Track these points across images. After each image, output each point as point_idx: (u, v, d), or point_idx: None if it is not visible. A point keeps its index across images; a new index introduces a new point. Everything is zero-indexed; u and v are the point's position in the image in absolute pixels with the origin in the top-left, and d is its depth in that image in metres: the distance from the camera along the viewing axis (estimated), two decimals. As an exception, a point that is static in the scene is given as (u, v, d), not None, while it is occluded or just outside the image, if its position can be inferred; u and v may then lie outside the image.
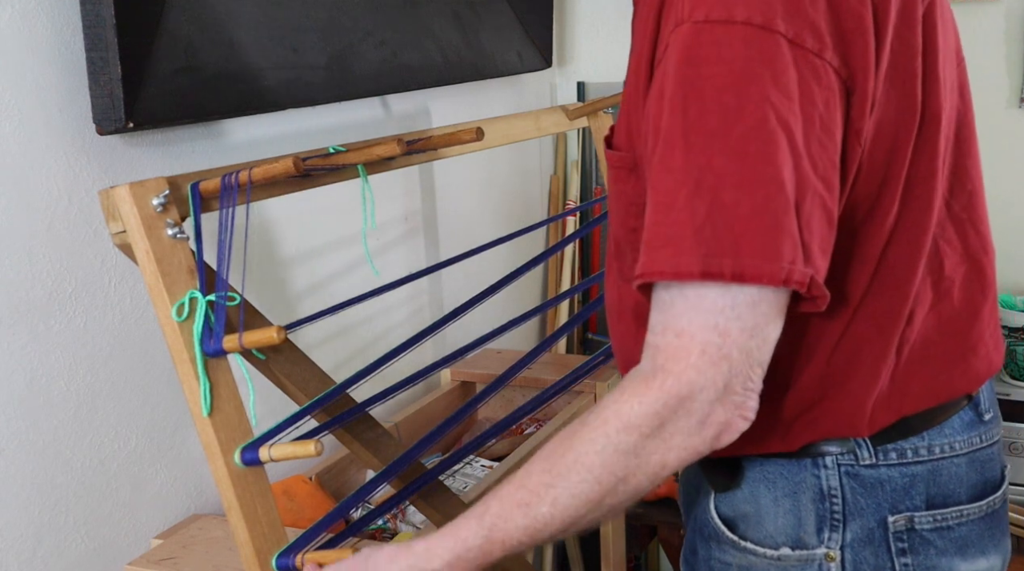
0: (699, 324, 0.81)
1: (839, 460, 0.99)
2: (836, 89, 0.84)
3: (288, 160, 1.12)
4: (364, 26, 1.80)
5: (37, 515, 1.38)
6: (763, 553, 1.01)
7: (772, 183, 0.80)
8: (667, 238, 0.82)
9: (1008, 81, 2.37)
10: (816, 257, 0.83)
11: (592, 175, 2.72)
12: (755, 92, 0.81)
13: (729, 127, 0.81)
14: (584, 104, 1.96)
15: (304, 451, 1.06)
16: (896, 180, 0.92)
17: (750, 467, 1.02)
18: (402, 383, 1.34)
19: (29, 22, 1.32)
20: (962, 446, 1.01)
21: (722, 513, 1.04)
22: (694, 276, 0.80)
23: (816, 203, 0.83)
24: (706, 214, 0.80)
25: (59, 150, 1.37)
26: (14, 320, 1.33)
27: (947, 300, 1.00)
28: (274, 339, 1.07)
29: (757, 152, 0.80)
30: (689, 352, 0.82)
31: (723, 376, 0.82)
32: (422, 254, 2.18)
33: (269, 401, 1.27)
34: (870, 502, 0.99)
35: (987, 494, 1.02)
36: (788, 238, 0.80)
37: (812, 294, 0.83)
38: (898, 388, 0.98)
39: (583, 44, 2.73)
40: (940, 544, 1.00)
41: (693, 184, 0.81)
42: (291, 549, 1.10)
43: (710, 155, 0.81)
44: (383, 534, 1.65)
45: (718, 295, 0.81)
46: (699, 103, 0.82)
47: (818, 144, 0.83)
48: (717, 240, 0.80)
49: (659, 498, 2.33)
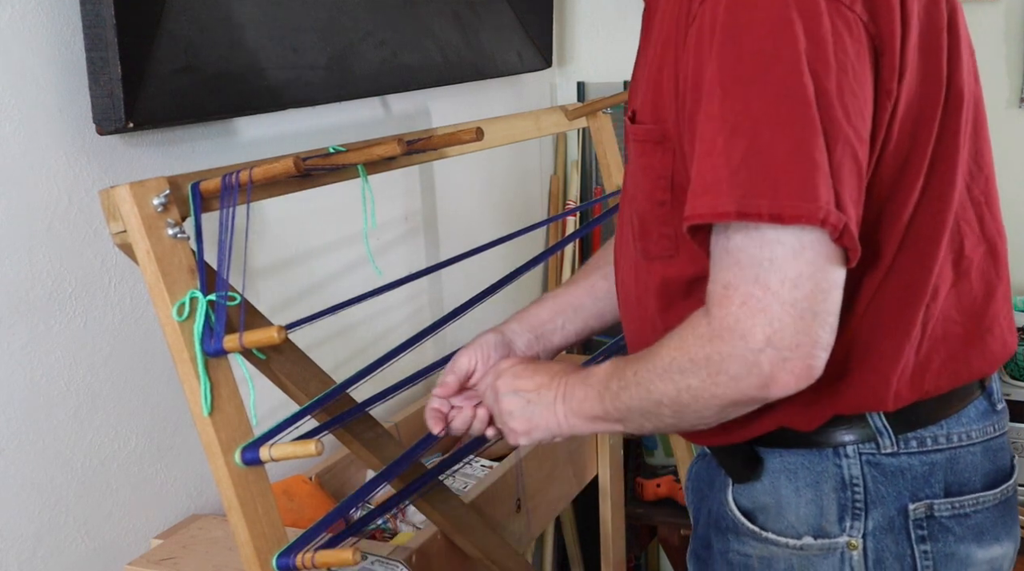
0: (741, 277, 0.84)
1: (860, 449, 1.00)
2: (865, 43, 0.86)
3: (288, 160, 1.12)
4: (364, 26, 1.80)
5: (37, 515, 1.38)
6: (785, 543, 1.02)
7: (807, 126, 0.82)
8: (707, 184, 0.85)
9: (1008, 81, 2.37)
10: (847, 206, 0.84)
11: (592, 175, 2.72)
12: (788, 40, 0.83)
13: (764, 72, 0.83)
14: (584, 104, 1.96)
15: (304, 451, 1.06)
16: (922, 153, 0.94)
17: (770, 459, 1.03)
18: (402, 383, 1.34)
19: (29, 22, 1.32)
20: (978, 435, 1.03)
21: (741, 505, 1.05)
22: (731, 217, 0.83)
23: (847, 152, 0.84)
24: (742, 156, 0.83)
25: (59, 150, 1.36)
26: (14, 320, 1.33)
27: (966, 280, 1.02)
28: (274, 339, 1.07)
29: (791, 96, 0.82)
30: (731, 302, 0.85)
31: (762, 328, 0.84)
32: (422, 254, 2.18)
33: (269, 401, 1.27)
34: (891, 490, 1.00)
35: (1000, 482, 1.05)
36: (823, 179, 0.82)
37: (844, 244, 0.84)
38: (921, 364, 0.99)
39: (583, 44, 2.73)
40: (958, 531, 1.02)
41: (730, 129, 0.84)
42: (291, 549, 1.10)
43: (747, 100, 0.83)
44: (383, 534, 1.65)
45: (757, 248, 0.84)
46: (735, 51, 0.84)
47: (850, 93, 0.85)
48: (753, 182, 0.82)
49: (659, 498, 2.33)
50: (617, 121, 2.59)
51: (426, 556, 1.47)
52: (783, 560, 1.03)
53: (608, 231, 2.59)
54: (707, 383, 0.88)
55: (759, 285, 0.84)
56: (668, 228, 1.00)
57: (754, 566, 1.05)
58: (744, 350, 0.85)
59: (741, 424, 1.00)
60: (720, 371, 0.87)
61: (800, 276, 0.83)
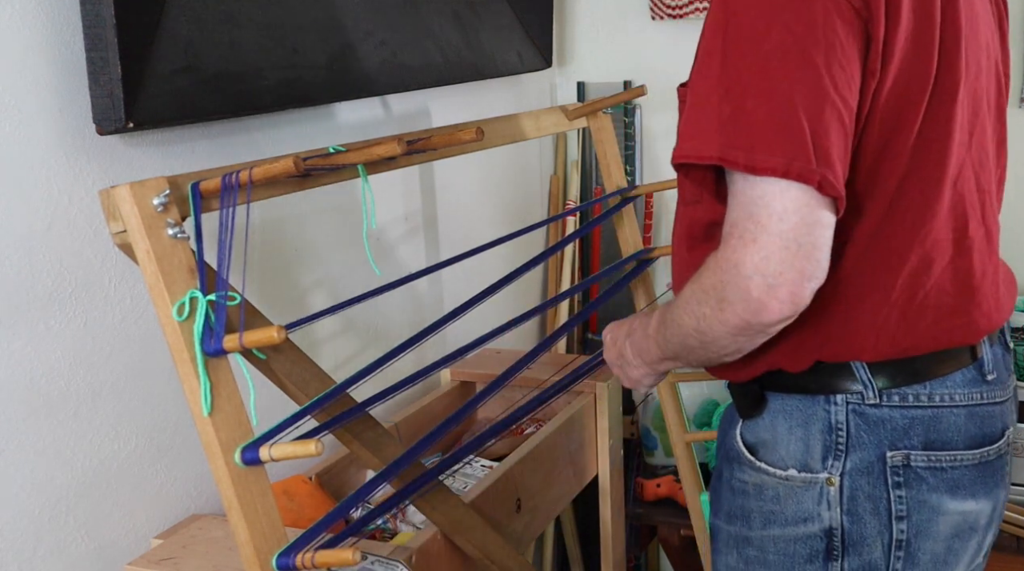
0: (740, 214, 0.99)
1: (848, 399, 1.14)
2: (855, 25, 1.00)
3: (288, 160, 1.12)
4: (364, 26, 1.80)
5: (37, 515, 1.38)
6: (774, 472, 1.18)
7: (783, 96, 0.97)
8: (696, 130, 1.02)
9: (1008, 81, 2.37)
10: (835, 162, 0.98)
11: (592, 175, 2.72)
12: (780, 20, 0.98)
13: (756, 47, 0.99)
14: (584, 104, 1.96)
15: (304, 451, 1.06)
16: (907, 130, 1.07)
17: (772, 400, 1.18)
18: (402, 383, 1.34)
19: (29, 22, 1.32)
20: (962, 399, 1.15)
21: (746, 439, 1.21)
22: (712, 159, 0.99)
23: (834, 115, 0.98)
24: (729, 115, 0.99)
25: (59, 150, 1.36)
26: (14, 320, 1.33)
27: (967, 257, 1.14)
28: (274, 339, 1.07)
29: (775, 70, 0.98)
30: (732, 236, 0.99)
31: (751, 257, 0.98)
32: (422, 254, 2.18)
33: (269, 401, 1.27)
34: (872, 438, 1.13)
35: (983, 445, 1.16)
36: (792, 140, 0.96)
37: (826, 193, 0.97)
38: (907, 324, 1.11)
39: (583, 44, 2.73)
40: (932, 482, 1.14)
41: (723, 91, 1.00)
42: (291, 549, 1.10)
43: (740, 70, 0.99)
44: (383, 534, 1.65)
45: (751, 188, 0.98)
46: (736, 26, 1.00)
47: (838, 66, 0.99)
48: (736, 136, 0.98)
49: (659, 498, 2.33)
50: (617, 121, 2.59)
51: (426, 556, 1.47)
52: (771, 488, 1.18)
53: (608, 231, 2.59)
54: (715, 310, 1.02)
55: (752, 220, 0.98)
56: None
57: (749, 491, 1.20)
58: (737, 277, 0.99)
59: (745, 363, 1.15)
60: (723, 298, 1.01)
61: (785, 210, 0.97)
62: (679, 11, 2.56)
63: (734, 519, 1.23)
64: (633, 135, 2.65)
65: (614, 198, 1.99)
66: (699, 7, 2.53)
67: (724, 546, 1.26)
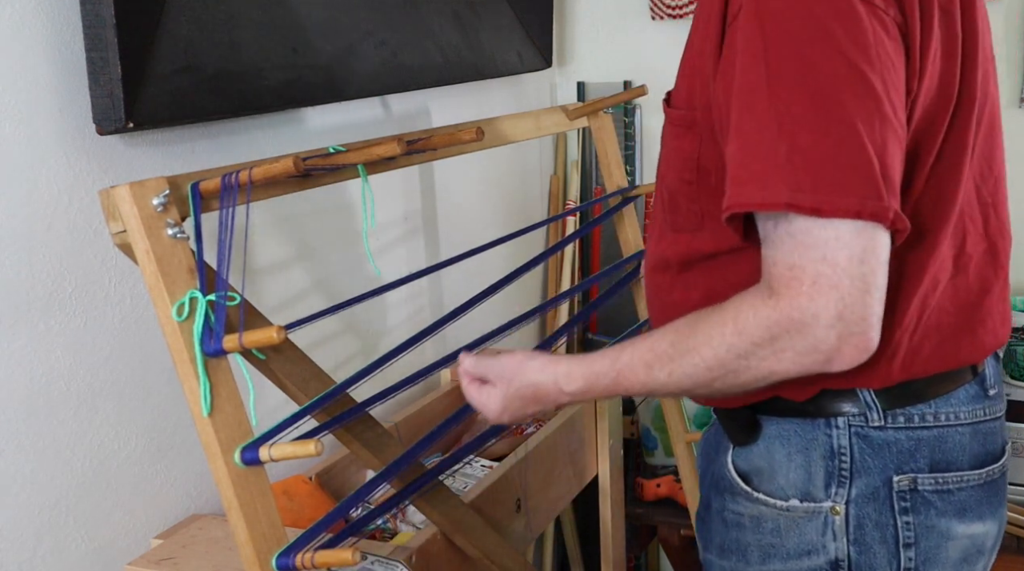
0: (808, 257, 0.89)
1: (850, 421, 1.06)
2: (900, 43, 0.93)
3: (288, 160, 1.12)
4: (364, 26, 1.80)
5: (37, 515, 1.38)
6: (773, 503, 1.09)
7: (843, 127, 0.88)
8: (753, 174, 0.91)
9: (1008, 81, 2.37)
10: (898, 192, 0.91)
11: (592, 175, 2.72)
12: (830, 46, 0.89)
13: (806, 77, 0.90)
14: (584, 104, 1.96)
15: (304, 451, 1.06)
16: (929, 150, 1.00)
17: (767, 425, 1.10)
18: (402, 383, 1.34)
19: (29, 22, 1.32)
20: (967, 416, 1.08)
21: (738, 467, 1.12)
22: (779, 207, 0.89)
23: (897, 143, 0.92)
24: (786, 154, 0.89)
25: (59, 150, 1.36)
26: (14, 320, 1.33)
27: (964, 274, 1.07)
28: (274, 339, 1.07)
29: (830, 100, 0.89)
30: (801, 282, 0.89)
31: (835, 304, 0.89)
32: (422, 254, 2.18)
33: (269, 401, 1.27)
34: (877, 462, 1.06)
35: (988, 463, 1.10)
36: (862, 176, 0.88)
37: (896, 227, 0.90)
38: (913, 349, 1.05)
39: (583, 44, 2.73)
40: (940, 506, 1.07)
41: (776, 127, 0.90)
42: (291, 549, 1.10)
43: (790, 102, 0.90)
44: (383, 534, 1.65)
45: (822, 229, 0.89)
46: (779, 55, 0.91)
47: (894, 88, 0.92)
48: (797, 177, 0.89)
49: (659, 498, 2.33)
50: (617, 121, 2.59)
51: (426, 556, 1.47)
52: (771, 520, 1.10)
53: (608, 231, 2.59)
54: (769, 362, 0.93)
55: (827, 263, 0.88)
56: (696, 205, 1.06)
57: (745, 524, 1.12)
58: (815, 327, 0.89)
59: (742, 395, 1.06)
60: (787, 349, 0.92)
61: (864, 251, 0.89)
62: (679, 11, 2.56)
63: (728, 554, 1.14)
64: (633, 135, 2.65)
65: (614, 198, 1.99)
66: (699, 7, 2.53)
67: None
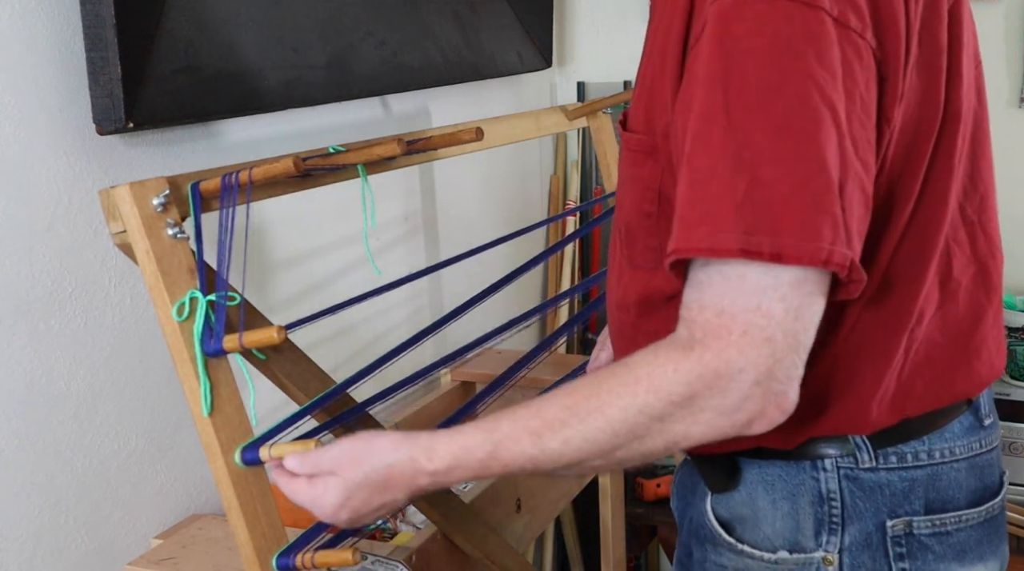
0: (741, 305, 0.79)
1: (839, 463, 0.97)
2: (874, 71, 0.83)
3: (288, 160, 1.12)
4: (364, 26, 1.80)
5: (37, 515, 1.38)
6: (760, 556, 1.00)
7: (813, 161, 0.78)
8: (704, 214, 0.79)
9: (1008, 81, 2.37)
10: (855, 240, 0.80)
11: (592, 175, 2.72)
12: (799, 68, 0.78)
13: (770, 103, 0.78)
14: (584, 104, 1.96)
15: (304, 451, 1.05)
16: (914, 176, 0.91)
17: (748, 469, 1.01)
18: (402, 383, 1.33)
19: (29, 22, 1.32)
20: (962, 451, 1.00)
21: (719, 515, 1.03)
22: (732, 253, 0.78)
23: (856, 185, 0.80)
24: (745, 191, 0.78)
25: (59, 150, 1.36)
26: (14, 320, 1.33)
27: (952, 302, 0.98)
28: (274, 339, 1.07)
29: (799, 129, 0.78)
30: (730, 331, 0.79)
31: (765, 359, 0.79)
32: (422, 254, 2.18)
33: (269, 401, 1.27)
34: (869, 506, 0.97)
35: (986, 500, 1.02)
36: (829, 218, 0.78)
37: (851, 277, 0.80)
38: (903, 388, 0.96)
39: (583, 44, 2.73)
40: (938, 550, 0.99)
41: (732, 160, 0.78)
42: (291, 549, 1.10)
43: (750, 131, 0.78)
44: (383, 534, 1.65)
45: (760, 274, 0.78)
46: (741, 78, 0.79)
47: (859, 124, 0.81)
48: (756, 218, 0.77)
49: (659, 498, 2.33)
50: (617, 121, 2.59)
51: (426, 556, 1.47)
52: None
53: (608, 231, 2.59)
54: (684, 425, 0.82)
55: (761, 313, 0.78)
56: (653, 239, 0.96)
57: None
58: (741, 383, 0.79)
59: (719, 445, 0.93)
60: (706, 408, 0.81)
61: (802, 307, 0.79)
62: (679, 11, 2.55)
63: None
64: (633, 135, 2.65)
65: (614, 198, 1.99)
66: (699, 7, 2.52)
67: None
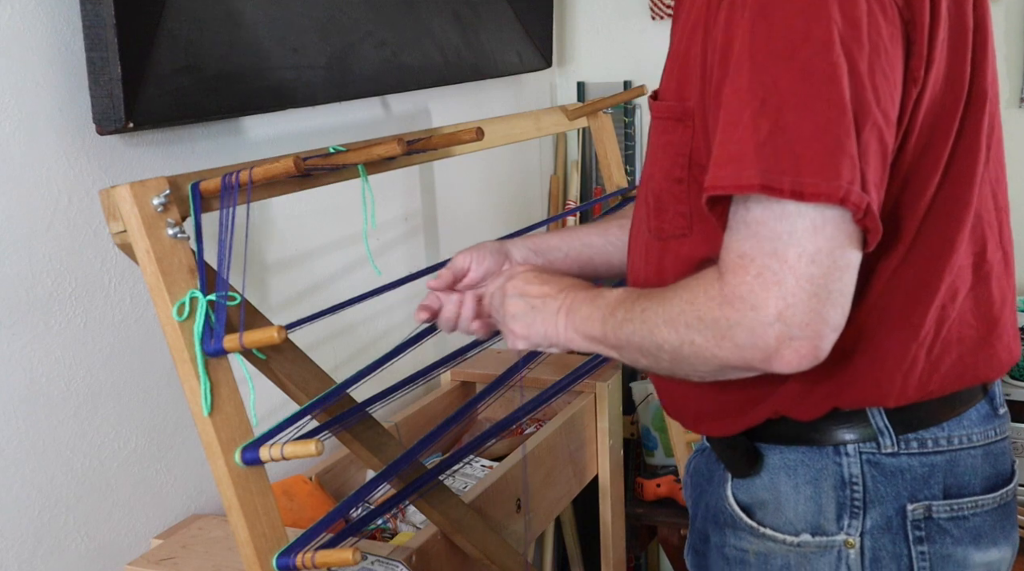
0: (759, 249, 0.84)
1: (861, 449, 1.00)
2: (899, 27, 0.87)
3: (288, 160, 1.12)
4: (364, 26, 1.80)
5: (37, 515, 1.38)
6: (783, 539, 1.03)
7: (835, 105, 0.82)
8: (731, 155, 0.85)
9: (1008, 81, 2.37)
10: (871, 188, 0.84)
11: (592, 175, 2.72)
12: (822, 17, 0.83)
13: (795, 49, 0.83)
14: (584, 104, 1.96)
15: (304, 451, 1.06)
16: (941, 147, 0.94)
17: (770, 455, 1.04)
18: (402, 383, 1.34)
19: (29, 22, 1.32)
20: (979, 438, 1.03)
21: (739, 500, 1.06)
22: (754, 189, 0.83)
23: (874, 134, 0.84)
24: (768, 132, 0.83)
25: (59, 150, 1.36)
26: (14, 320, 1.33)
27: (985, 285, 1.02)
28: (274, 339, 1.07)
29: (821, 74, 0.82)
30: (747, 272, 0.84)
31: (775, 301, 0.83)
32: (422, 254, 2.18)
33: (269, 401, 1.27)
34: (890, 490, 1.00)
35: (1000, 486, 1.05)
36: (848, 159, 0.82)
37: (866, 225, 0.84)
38: (932, 364, 0.99)
39: (583, 44, 2.73)
40: (956, 533, 1.02)
41: (758, 103, 0.83)
42: (291, 549, 1.10)
43: (776, 76, 0.83)
44: (383, 534, 1.65)
45: (776, 221, 0.83)
46: (767, 26, 0.84)
47: (881, 75, 0.85)
48: (778, 157, 0.82)
49: (659, 498, 2.34)
50: (617, 121, 2.59)
51: (426, 556, 1.47)
52: (780, 557, 1.04)
53: (608, 231, 2.58)
54: (711, 344, 0.88)
55: (776, 258, 0.83)
56: (684, 206, 1.00)
57: (750, 561, 1.06)
58: (754, 321, 0.84)
59: (740, 410, 1.02)
60: (726, 336, 0.87)
61: (819, 251, 0.83)
62: (679, 11, 2.56)
63: None
64: (633, 135, 2.66)
65: (614, 198, 2.00)
66: (699, 7, 2.52)
67: None
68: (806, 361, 0.86)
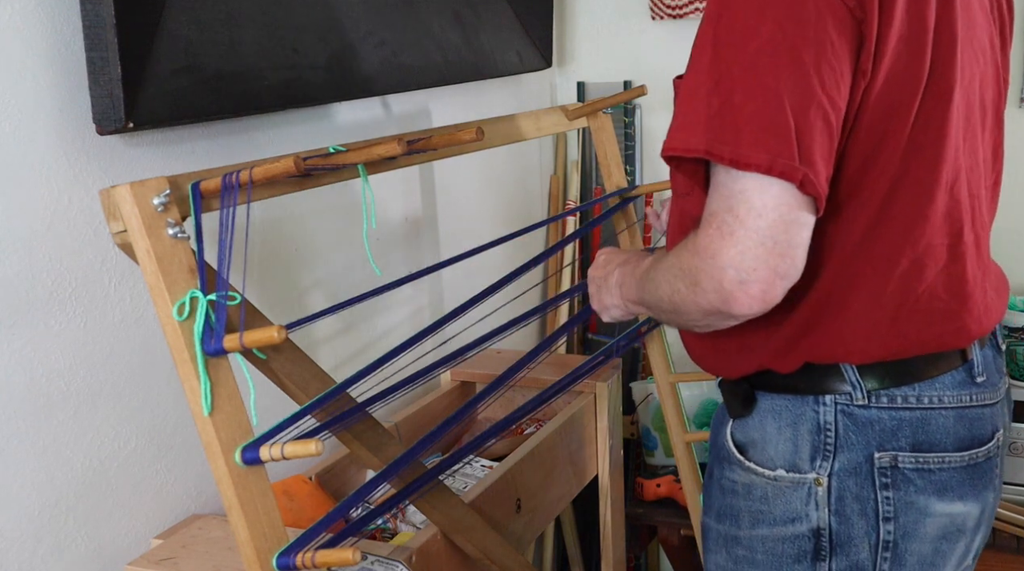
0: (720, 206, 1.00)
1: (836, 400, 1.15)
2: (848, 24, 1.00)
3: (288, 160, 1.12)
4: (364, 26, 1.80)
5: (37, 515, 1.38)
6: (762, 472, 1.19)
7: (771, 93, 0.98)
8: (685, 123, 1.03)
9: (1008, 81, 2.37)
10: (817, 162, 0.99)
11: (592, 175, 2.72)
12: (771, 16, 0.99)
13: (746, 42, 0.99)
14: (584, 104, 1.96)
15: (305, 451, 1.05)
16: (897, 136, 1.07)
17: (762, 400, 1.20)
18: (402, 383, 1.34)
19: (29, 22, 1.32)
20: (951, 401, 1.15)
21: (736, 439, 1.23)
22: (699, 153, 1.00)
23: (819, 114, 0.99)
24: (718, 108, 1.00)
25: (59, 150, 1.36)
26: (14, 320, 1.33)
27: (959, 264, 1.14)
28: (275, 338, 1.07)
29: (764, 66, 0.98)
30: (710, 225, 1.01)
31: (729, 248, 0.99)
32: (422, 254, 2.18)
33: (269, 401, 1.27)
34: (860, 439, 1.14)
35: (972, 447, 1.16)
36: (779, 137, 0.97)
37: (807, 191, 0.99)
38: (896, 328, 1.12)
39: (583, 44, 2.73)
40: (919, 483, 1.15)
41: (713, 84, 1.01)
42: (291, 549, 1.10)
43: (729, 64, 1.00)
44: (383, 534, 1.65)
45: (731, 183, 0.99)
46: (729, 20, 1.01)
47: (827, 66, 0.99)
48: (723, 130, 0.99)
49: (659, 498, 2.34)
50: (617, 121, 2.59)
51: (426, 556, 1.47)
52: (760, 488, 1.19)
53: (608, 231, 2.59)
54: (689, 290, 1.04)
55: (731, 213, 0.99)
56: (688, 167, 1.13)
57: (738, 491, 1.22)
58: (712, 267, 1.00)
59: (733, 361, 1.20)
60: (696, 282, 1.03)
61: (764, 207, 0.98)
62: (679, 11, 2.56)
63: (723, 518, 1.25)
64: (633, 135, 2.66)
65: (614, 198, 1.99)
66: (699, 7, 2.53)
67: (714, 545, 1.28)
68: (756, 304, 1.00)
